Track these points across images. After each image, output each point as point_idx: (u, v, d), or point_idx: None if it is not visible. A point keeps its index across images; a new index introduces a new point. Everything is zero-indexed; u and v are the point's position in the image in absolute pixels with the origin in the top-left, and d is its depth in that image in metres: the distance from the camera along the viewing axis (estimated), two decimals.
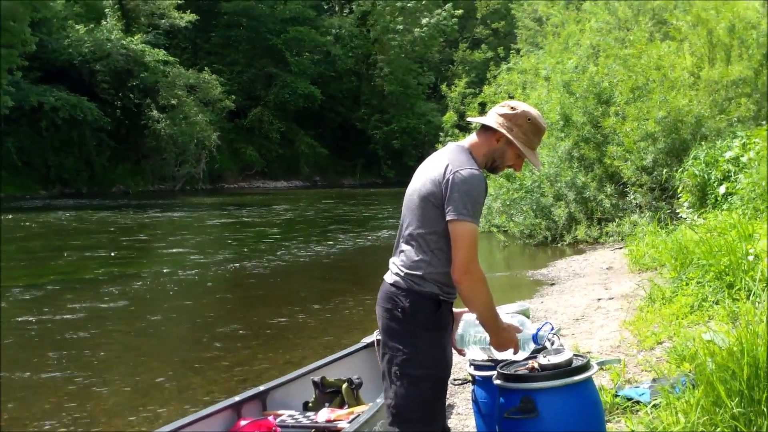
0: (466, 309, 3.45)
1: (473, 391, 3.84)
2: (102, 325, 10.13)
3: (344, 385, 5.25)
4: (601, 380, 5.28)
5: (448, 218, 3.14)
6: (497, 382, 3.30)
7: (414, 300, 3.21)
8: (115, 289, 12.65)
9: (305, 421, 4.94)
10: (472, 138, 3.39)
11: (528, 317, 4.36)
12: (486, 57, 52.05)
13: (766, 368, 3.80)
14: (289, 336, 9.39)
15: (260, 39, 51.72)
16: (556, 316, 8.47)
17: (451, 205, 3.13)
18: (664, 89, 14.88)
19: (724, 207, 10.31)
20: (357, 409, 5.02)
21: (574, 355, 3.32)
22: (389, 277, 3.32)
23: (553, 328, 3.48)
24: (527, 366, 3.32)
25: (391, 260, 3.38)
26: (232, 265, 15.34)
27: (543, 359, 3.25)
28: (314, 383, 5.29)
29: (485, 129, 3.36)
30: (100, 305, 11.35)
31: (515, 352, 3.37)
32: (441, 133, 23.52)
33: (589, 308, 8.66)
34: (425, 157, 3.49)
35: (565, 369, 3.20)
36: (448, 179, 3.16)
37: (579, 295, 9.79)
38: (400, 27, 56.62)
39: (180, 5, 46.95)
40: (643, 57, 16.08)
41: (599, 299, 9.10)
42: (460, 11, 58.10)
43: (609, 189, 15.25)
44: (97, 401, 7.02)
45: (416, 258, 3.24)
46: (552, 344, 3.44)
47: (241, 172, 49.63)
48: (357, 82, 57.48)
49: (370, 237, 19.99)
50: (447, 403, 3.68)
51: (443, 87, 33.26)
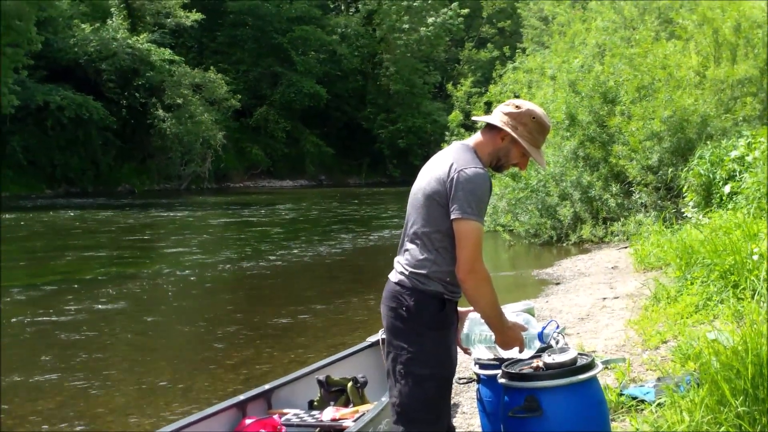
0: (472, 308, 3.45)
1: (478, 390, 3.84)
2: (106, 325, 10.15)
3: (349, 384, 5.25)
4: (606, 379, 5.28)
5: (452, 217, 3.14)
6: (502, 381, 3.30)
7: (419, 299, 3.21)
8: (118, 288, 12.67)
9: (310, 420, 4.95)
10: (476, 137, 3.39)
11: (533, 316, 4.36)
12: (492, 56, 51.84)
13: None
14: (294, 335, 9.40)
15: (266, 38, 51.72)
16: (561, 315, 8.47)
17: (455, 203, 3.13)
18: (669, 88, 14.87)
19: (729, 206, 10.29)
20: (362, 408, 5.02)
21: (579, 354, 3.32)
22: (394, 276, 3.32)
23: (558, 327, 3.47)
24: (532, 365, 3.32)
25: (396, 259, 3.37)
26: (237, 264, 15.35)
27: (548, 358, 3.25)
28: (319, 382, 5.29)
29: (490, 128, 3.36)
30: (104, 305, 11.37)
31: (521, 351, 3.37)
32: (447, 133, 23.51)
33: (594, 307, 8.65)
34: (431, 156, 3.48)
35: (570, 368, 3.19)
36: (452, 178, 3.16)
37: (584, 294, 9.78)
38: (406, 26, 56.61)
39: (186, 4, 46.97)
40: (648, 56, 16.07)
41: (604, 298, 9.10)
42: (466, 10, 58.03)
43: (614, 188, 15.22)
44: (102, 400, 7.03)
45: (421, 257, 3.24)
46: (557, 343, 3.45)
47: (247, 172, 49.63)
48: (363, 81, 57.45)
49: (375, 236, 20.00)
50: (452, 401, 3.68)
51: (449, 86, 33.29)
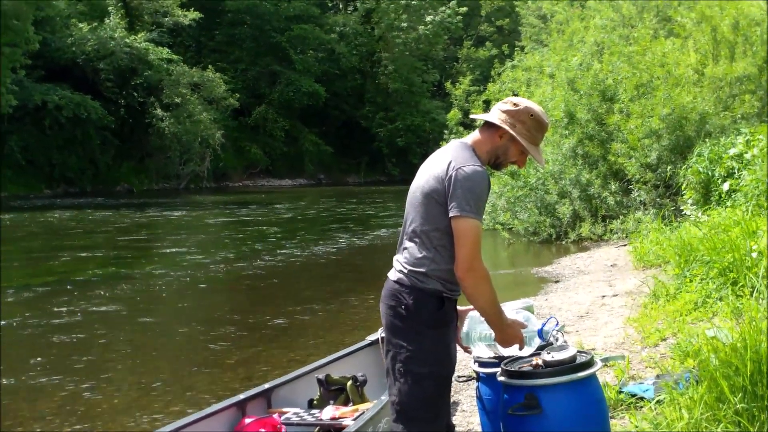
0: (471, 307, 3.46)
1: (477, 388, 3.85)
2: (105, 326, 10.13)
3: (349, 383, 5.26)
4: (606, 377, 5.29)
5: (450, 214, 3.14)
6: (501, 378, 3.30)
7: (417, 297, 3.21)
8: (116, 289, 12.66)
9: (310, 419, 4.95)
10: (475, 135, 3.39)
11: (532, 314, 4.36)
12: (490, 54, 51.88)
13: None
14: (294, 334, 9.40)
15: (264, 37, 51.71)
16: (560, 313, 8.47)
17: (454, 201, 3.13)
18: (668, 86, 14.87)
19: (728, 204, 10.30)
20: (362, 407, 5.02)
21: (578, 351, 3.32)
22: (393, 275, 3.32)
23: (558, 323, 3.48)
24: (531, 363, 3.32)
25: (395, 258, 3.38)
26: (236, 264, 15.34)
27: (547, 356, 3.25)
28: (319, 381, 5.29)
29: (488, 126, 3.36)
30: (102, 305, 11.35)
31: (521, 348, 3.37)
32: (445, 131, 23.49)
33: (594, 305, 8.66)
34: (429, 154, 3.48)
35: (569, 365, 3.20)
36: (450, 176, 3.16)
37: (583, 292, 9.79)
38: (405, 25, 56.60)
39: (183, 3, 46.95)
40: (647, 54, 16.07)
41: (603, 296, 9.10)
42: (464, 9, 58.00)
43: (613, 186, 15.23)
44: (101, 401, 7.03)
45: (419, 255, 3.24)
46: (557, 340, 3.45)
47: (246, 171, 49.62)
48: (361, 79, 57.46)
49: (373, 235, 20.00)
50: (452, 400, 3.69)
51: (448, 85, 33.24)
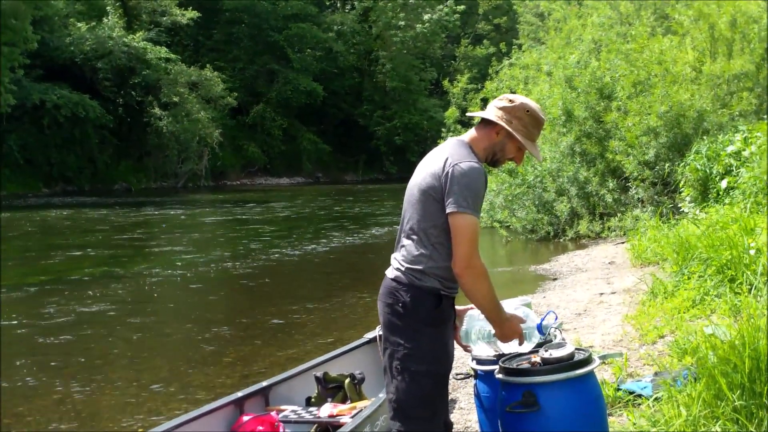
0: (470, 306, 3.46)
1: (475, 385, 3.85)
2: (102, 324, 10.13)
3: (347, 381, 5.26)
4: (604, 374, 5.29)
5: (448, 211, 3.13)
6: (499, 376, 3.30)
7: (415, 295, 3.21)
8: (113, 287, 12.66)
9: (308, 417, 4.95)
10: (471, 133, 3.38)
11: (531, 310, 4.37)
12: (488, 52, 51.85)
13: None
14: (291, 332, 9.39)
15: (262, 36, 51.71)
16: (558, 310, 8.46)
17: (450, 197, 3.12)
18: (666, 84, 14.87)
19: (726, 201, 10.32)
20: (359, 404, 5.02)
21: (576, 349, 3.32)
22: (390, 272, 3.32)
23: (557, 318, 3.47)
24: (529, 360, 3.32)
25: (393, 255, 3.37)
26: (233, 262, 15.33)
27: (545, 353, 3.25)
28: (317, 379, 5.30)
29: (485, 123, 3.36)
30: (99, 304, 11.34)
31: (520, 343, 3.37)
32: (443, 129, 23.51)
33: (592, 303, 8.66)
34: (427, 153, 3.48)
35: (567, 363, 3.19)
36: (447, 172, 3.15)
37: (581, 289, 9.79)
38: (402, 23, 56.58)
39: (181, 2, 46.96)
40: (645, 52, 16.07)
41: (601, 294, 9.11)
42: (462, 7, 58.02)
43: (611, 184, 15.24)
44: (99, 399, 7.03)
45: (416, 252, 3.23)
46: (555, 338, 3.44)
47: (244, 169, 49.61)
48: (359, 78, 57.47)
49: (371, 233, 19.99)
50: (450, 397, 3.68)
51: (445, 83, 33.17)
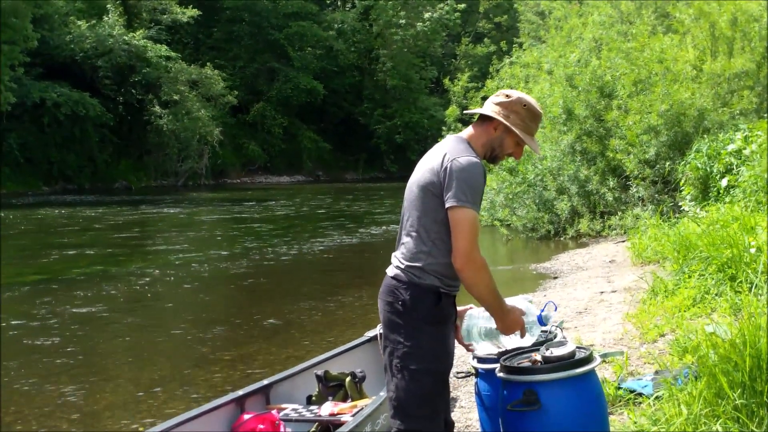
0: (470, 306, 3.47)
1: (476, 384, 3.84)
2: (104, 322, 10.15)
3: (347, 379, 5.26)
4: (604, 372, 5.29)
5: (447, 205, 3.13)
6: (500, 374, 3.30)
7: (414, 293, 3.21)
8: (113, 286, 12.66)
9: (309, 415, 4.95)
10: (469, 130, 3.39)
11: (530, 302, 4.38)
12: (489, 51, 51.75)
13: None
14: (292, 330, 9.40)
15: (262, 34, 51.67)
16: (559, 309, 8.43)
17: (449, 192, 3.13)
18: (666, 82, 14.86)
19: (727, 200, 10.32)
20: (360, 403, 5.03)
21: (577, 347, 3.32)
22: (390, 271, 3.32)
23: (556, 308, 3.47)
24: (530, 358, 3.32)
25: (393, 254, 3.38)
26: (233, 261, 15.33)
27: (546, 352, 3.25)
28: (317, 377, 5.30)
29: (482, 119, 3.37)
30: (99, 302, 11.34)
31: (522, 335, 3.37)
32: (444, 128, 23.51)
33: (592, 301, 8.66)
34: (428, 151, 3.48)
35: (568, 361, 3.19)
36: (446, 167, 3.16)
37: (582, 288, 9.79)
38: (403, 21, 56.51)
39: (182, 0, 46.89)
40: (645, 50, 16.06)
41: (602, 292, 9.10)
42: (462, 5, 57.93)
43: (611, 182, 15.23)
44: (100, 397, 7.03)
45: (416, 250, 3.23)
46: (555, 336, 3.44)
47: (244, 167, 49.57)
48: (359, 76, 57.42)
49: (372, 232, 19.99)
50: (450, 396, 3.68)
51: (446, 81, 33.16)
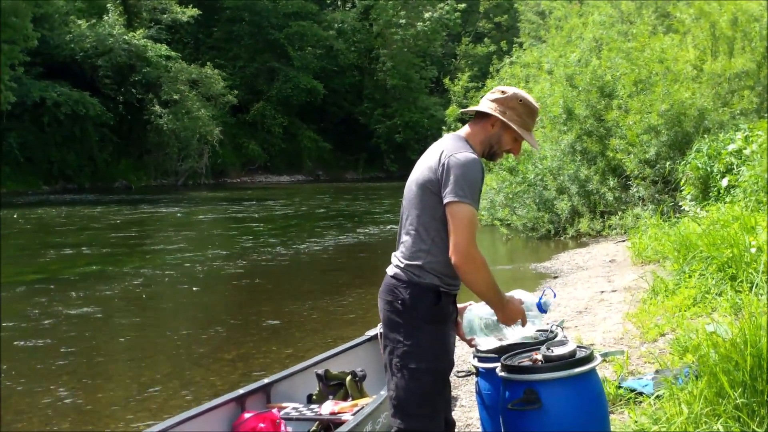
0: (469, 303, 3.48)
1: (477, 383, 3.84)
2: (104, 321, 10.15)
3: (348, 378, 5.26)
4: (605, 372, 5.29)
5: (445, 201, 3.13)
6: (501, 373, 3.30)
7: (414, 292, 3.21)
8: (115, 285, 12.65)
9: (309, 414, 4.95)
10: (467, 128, 3.39)
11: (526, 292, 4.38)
12: (489, 51, 51.72)
13: None
14: (292, 329, 9.40)
15: (262, 34, 51.67)
16: (559, 308, 8.47)
17: (447, 188, 3.13)
18: (667, 82, 14.86)
19: (727, 199, 10.32)
20: (361, 402, 5.03)
21: (578, 346, 3.32)
22: (390, 270, 3.32)
23: (555, 294, 3.47)
24: (531, 358, 3.33)
25: (393, 253, 3.38)
26: (234, 260, 15.32)
27: (547, 351, 3.25)
28: (318, 376, 5.30)
29: (479, 117, 3.37)
30: (99, 301, 11.34)
31: (523, 324, 3.36)
32: (444, 127, 23.51)
33: (592, 301, 8.66)
34: None
35: (569, 360, 3.19)
36: (443, 164, 3.17)
37: (582, 287, 9.79)
38: (403, 21, 56.51)
39: (181, 0, 46.89)
40: (646, 50, 16.06)
41: (602, 292, 9.10)
42: (462, 5, 57.93)
43: (612, 182, 15.23)
44: (101, 396, 7.04)
45: (415, 248, 3.24)
46: (556, 336, 3.43)
47: (244, 167, 49.56)
48: (360, 76, 57.41)
49: (372, 231, 19.99)
50: (451, 395, 3.67)
51: (446, 81, 33.23)
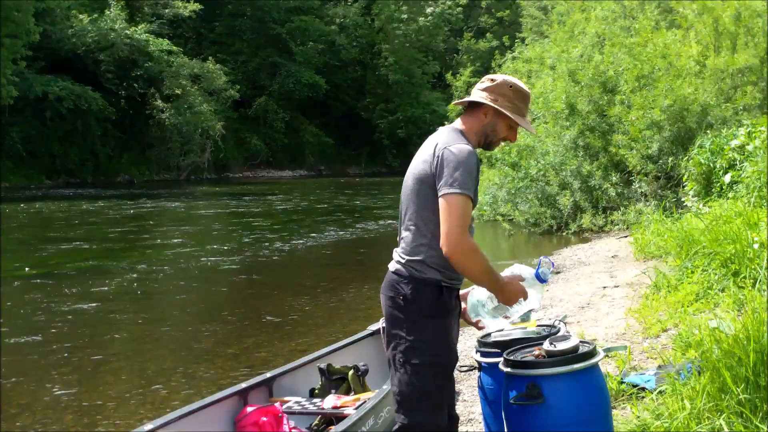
0: (471, 288, 3.48)
1: (479, 377, 3.84)
2: (108, 315, 10.16)
3: (350, 372, 5.26)
4: (607, 367, 5.29)
5: (439, 194, 3.13)
6: (504, 368, 3.30)
7: (415, 287, 3.21)
8: (117, 279, 12.67)
9: (312, 408, 4.96)
10: (461, 120, 3.38)
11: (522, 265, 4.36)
12: (491, 46, 51.76)
13: None
14: (295, 324, 9.40)
15: (264, 28, 51.68)
16: (561, 304, 8.47)
17: (441, 180, 3.12)
18: (669, 78, 14.85)
19: (730, 195, 10.30)
20: (363, 396, 5.03)
21: (581, 341, 3.32)
22: (392, 266, 3.32)
23: (554, 265, 3.47)
24: (533, 353, 3.33)
25: (395, 249, 3.38)
26: (236, 255, 15.34)
27: (549, 346, 3.25)
28: (320, 370, 5.30)
29: (472, 108, 3.36)
30: (106, 295, 11.37)
31: (525, 299, 3.34)
32: (446, 122, 23.37)
33: (595, 296, 8.65)
34: None
35: (572, 355, 3.19)
36: (438, 156, 3.17)
37: (584, 283, 9.78)
38: (405, 16, 56.55)
39: None
40: (648, 45, 16.05)
41: (605, 287, 9.10)
42: (464, 0, 57.91)
43: (614, 178, 15.21)
44: (105, 389, 7.04)
45: (415, 243, 3.23)
46: (558, 331, 3.43)
47: (246, 162, 49.61)
48: (362, 71, 57.42)
49: (374, 226, 19.99)
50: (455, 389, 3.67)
51: (448, 76, 33.21)
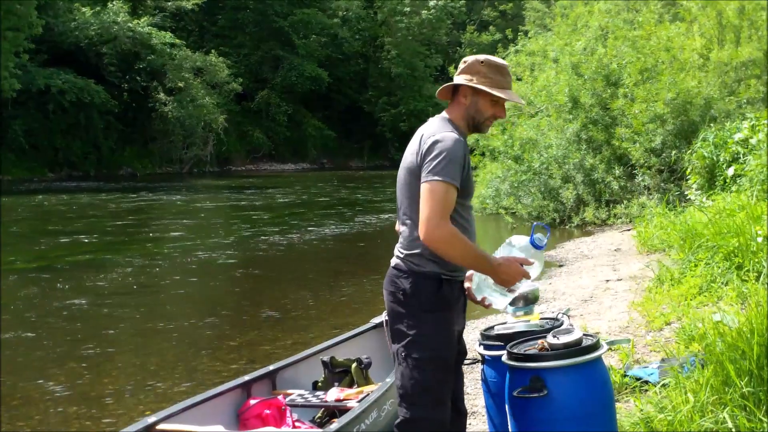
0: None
1: (482, 370, 3.85)
2: (111, 307, 10.17)
3: (353, 365, 5.26)
4: (610, 360, 5.30)
5: (421, 181, 3.12)
6: (507, 361, 3.30)
7: (414, 281, 3.21)
8: (120, 272, 12.69)
9: (315, 401, 4.96)
10: (447, 110, 3.40)
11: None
12: (494, 39, 51.62)
13: None
14: (298, 317, 9.42)
15: (267, 21, 51.61)
16: (564, 297, 8.48)
17: (425, 170, 3.12)
18: (673, 71, 14.82)
19: (733, 189, 10.28)
20: (366, 389, 5.03)
21: (584, 334, 3.32)
22: (393, 261, 3.34)
23: (549, 230, 3.44)
24: (537, 345, 3.33)
25: (396, 245, 3.39)
26: (240, 247, 15.36)
27: (553, 339, 3.25)
28: (324, 363, 5.30)
29: (453, 95, 3.38)
30: (108, 287, 11.39)
31: (527, 278, 3.26)
32: None
33: (598, 289, 8.66)
34: None
35: (575, 348, 3.20)
36: (422, 147, 3.17)
37: (587, 276, 9.78)
38: (408, 9, 56.45)
39: None
40: (652, 38, 16.01)
41: (608, 280, 9.10)
42: None
43: (617, 171, 15.20)
44: (106, 382, 7.05)
45: (412, 237, 3.23)
46: (562, 324, 3.43)
47: (249, 155, 49.62)
48: (364, 64, 57.37)
49: (377, 219, 20.00)
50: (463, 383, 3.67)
51: (451, 69, 32.86)
